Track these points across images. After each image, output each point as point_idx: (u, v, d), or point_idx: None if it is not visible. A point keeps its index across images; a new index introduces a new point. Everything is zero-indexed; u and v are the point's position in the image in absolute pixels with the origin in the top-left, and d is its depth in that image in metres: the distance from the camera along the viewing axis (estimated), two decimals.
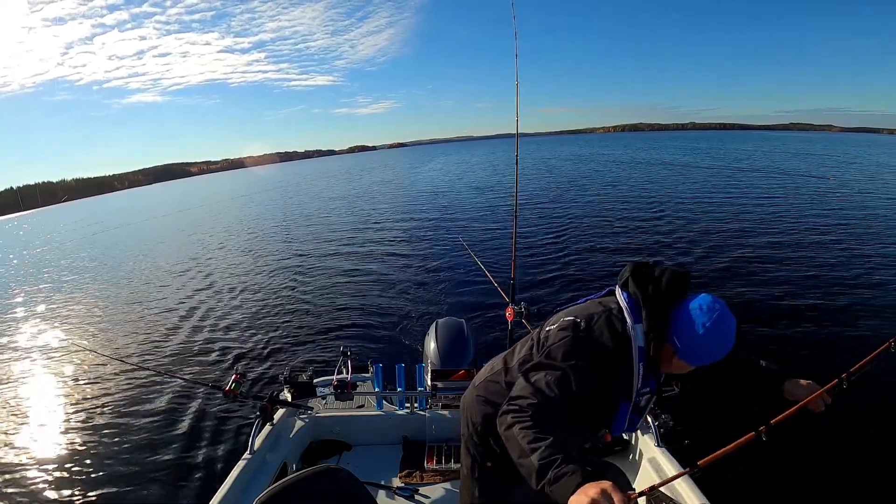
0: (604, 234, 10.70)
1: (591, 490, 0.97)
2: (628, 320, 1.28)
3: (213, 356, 5.70)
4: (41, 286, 11.55)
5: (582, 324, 1.31)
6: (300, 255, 10.92)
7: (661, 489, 1.94)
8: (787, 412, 1.29)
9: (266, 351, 5.64)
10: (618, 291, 1.35)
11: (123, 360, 5.10)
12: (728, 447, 1.17)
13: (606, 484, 0.99)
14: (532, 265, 8.28)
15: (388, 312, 6.59)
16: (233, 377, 2.44)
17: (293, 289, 8.20)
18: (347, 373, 2.58)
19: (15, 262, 18.16)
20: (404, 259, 9.63)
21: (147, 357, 5.89)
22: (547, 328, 1.41)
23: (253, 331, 6.35)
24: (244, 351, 5.71)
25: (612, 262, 8.42)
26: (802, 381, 1.46)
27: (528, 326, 2.82)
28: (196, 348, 6.00)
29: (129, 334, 6.82)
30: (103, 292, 9.74)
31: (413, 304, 6.85)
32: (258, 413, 2.36)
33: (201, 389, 4.63)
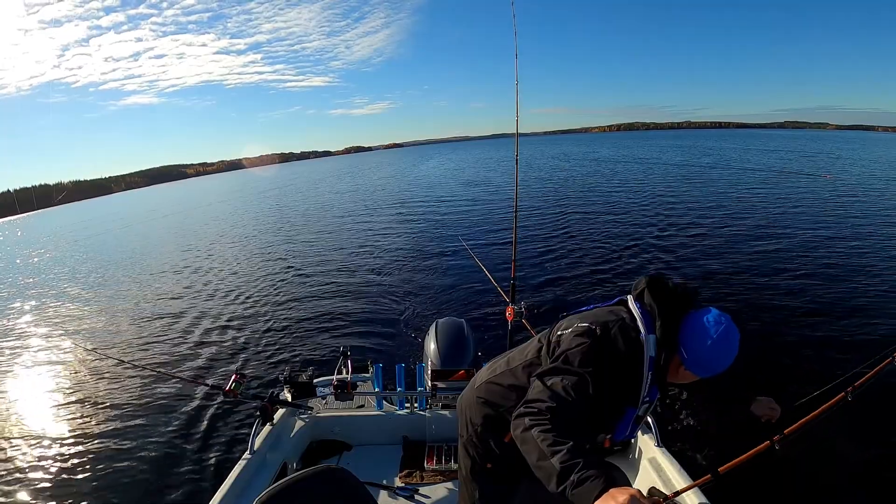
0: (603, 232, 10.71)
1: (619, 496, 0.97)
2: (642, 330, 1.31)
3: (213, 356, 5.70)
4: (43, 287, 11.54)
5: (598, 330, 1.32)
6: (300, 256, 10.92)
7: (661, 490, 1.94)
8: (799, 422, 1.32)
9: (266, 351, 5.64)
10: (630, 301, 1.38)
11: (124, 360, 5.10)
12: (744, 456, 1.20)
13: (633, 490, 0.99)
14: (532, 265, 8.28)
15: (387, 312, 6.59)
16: (233, 377, 2.44)
17: (293, 289, 8.20)
18: (347, 373, 2.58)
19: (17, 262, 18.12)
20: (404, 259, 9.63)
21: (147, 357, 5.89)
22: (558, 332, 1.41)
23: (253, 331, 6.35)
24: (244, 351, 5.71)
25: (610, 260, 8.43)
26: (764, 399, 1.55)
27: (527, 327, 2.81)
28: (196, 348, 6.00)
29: (130, 335, 6.82)
30: (104, 293, 9.74)
31: (413, 304, 6.85)
32: (258, 413, 2.35)
33: (201, 389, 4.63)
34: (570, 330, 1.36)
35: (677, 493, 1.16)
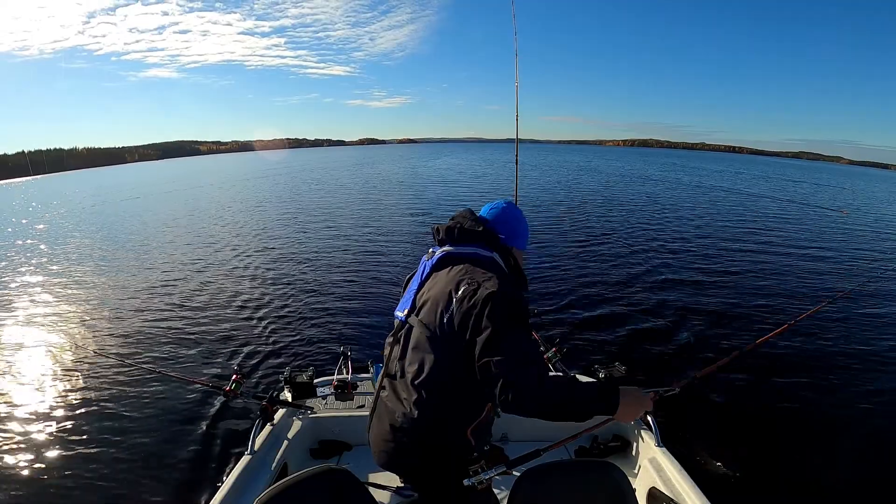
0: (602, 233, 10.74)
1: (631, 398, 1.29)
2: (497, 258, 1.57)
3: (213, 355, 5.69)
4: (34, 278, 11.35)
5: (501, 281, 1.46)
6: (301, 254, 10.90)
7: (661, 490, 1.94)
8: (772, 333, 1.70)
9: (266, 351, 5.64)
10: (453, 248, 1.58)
11: (122, 358, 5.08)
12: (719, 362, 1.54)
13: (635, 389, 1.32)
14: (532, 265, 8.28)
15: (388, 313, 6.53)
16: (233, 377, 2.44)
17: (293, 288, 8.18)
18: (347, 373, 2.59)
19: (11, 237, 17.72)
20: (406, 259, 9.63)
21: (146, 356, 5.86)
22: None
23: (253, 330, 6.34)
24: (244, 351, 5.70)
25: (609, 259, 8.45)
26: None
27: None
28: (196, 348, 5.99)
29: (128, 332, 6.78)
30: (101, 289, 9.65)
31: None
32: (258, 413, 2.35)
33: (201, 389, 4.61)
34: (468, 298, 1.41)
35: (668, 390, 1.47)
